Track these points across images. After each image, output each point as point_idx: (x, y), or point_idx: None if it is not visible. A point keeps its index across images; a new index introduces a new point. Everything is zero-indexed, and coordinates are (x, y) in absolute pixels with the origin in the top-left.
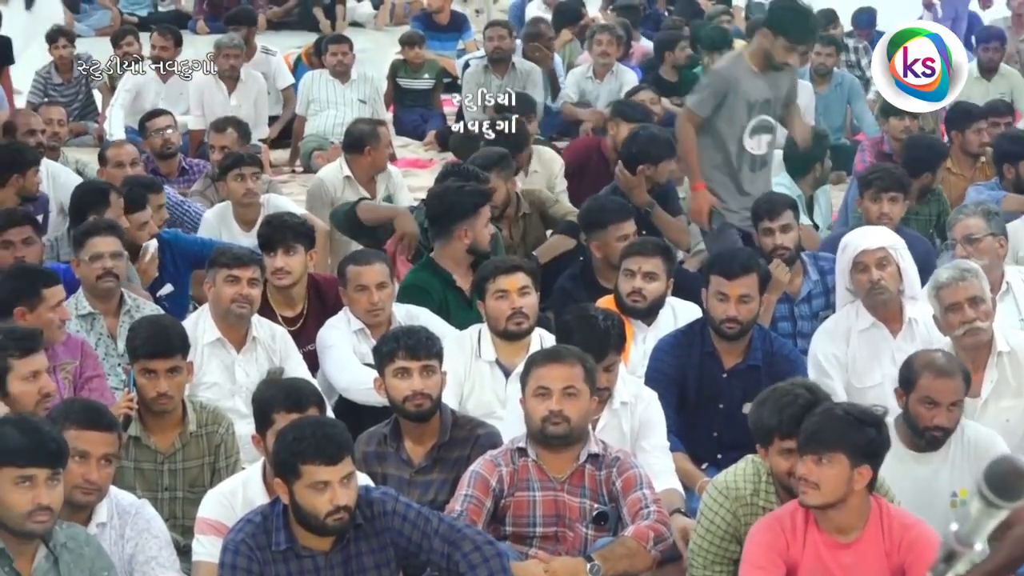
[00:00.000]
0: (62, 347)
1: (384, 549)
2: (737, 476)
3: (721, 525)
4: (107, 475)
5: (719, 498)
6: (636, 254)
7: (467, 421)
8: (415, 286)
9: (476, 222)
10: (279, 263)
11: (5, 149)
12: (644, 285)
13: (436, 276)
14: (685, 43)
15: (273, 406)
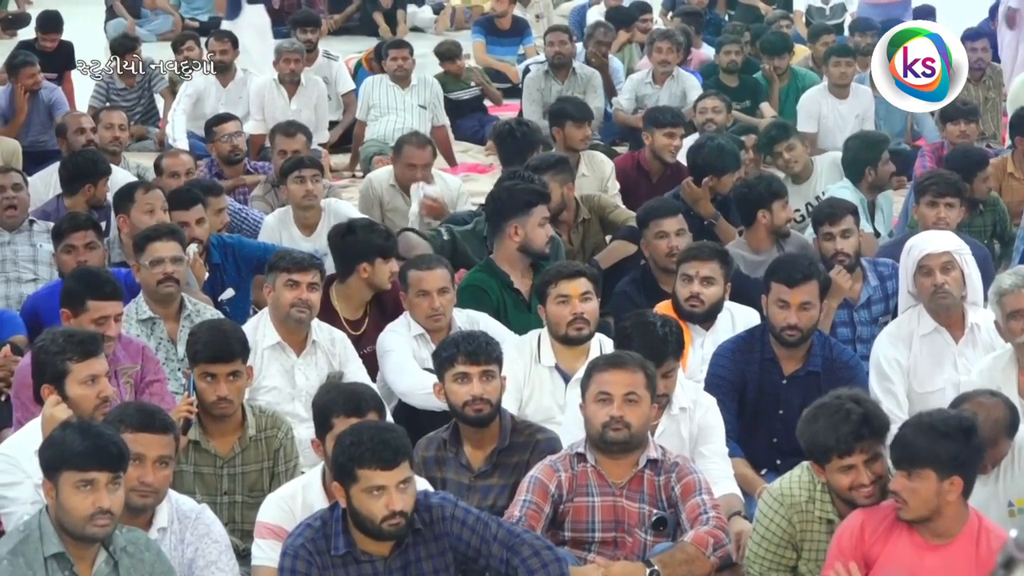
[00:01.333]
0: (122, 352)
1: (443, 554)
2: (792, 483)
3: (777, 532)
4: (163, 477)
5: (774, 505)
6: (693, 259)
7: (526, 426)
8: (474, 286)
9: (528, 221)
10: (395, 267)
11: (79, 158)
12: (702, 290)
13: (494, 277)
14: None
15: (333, 410)
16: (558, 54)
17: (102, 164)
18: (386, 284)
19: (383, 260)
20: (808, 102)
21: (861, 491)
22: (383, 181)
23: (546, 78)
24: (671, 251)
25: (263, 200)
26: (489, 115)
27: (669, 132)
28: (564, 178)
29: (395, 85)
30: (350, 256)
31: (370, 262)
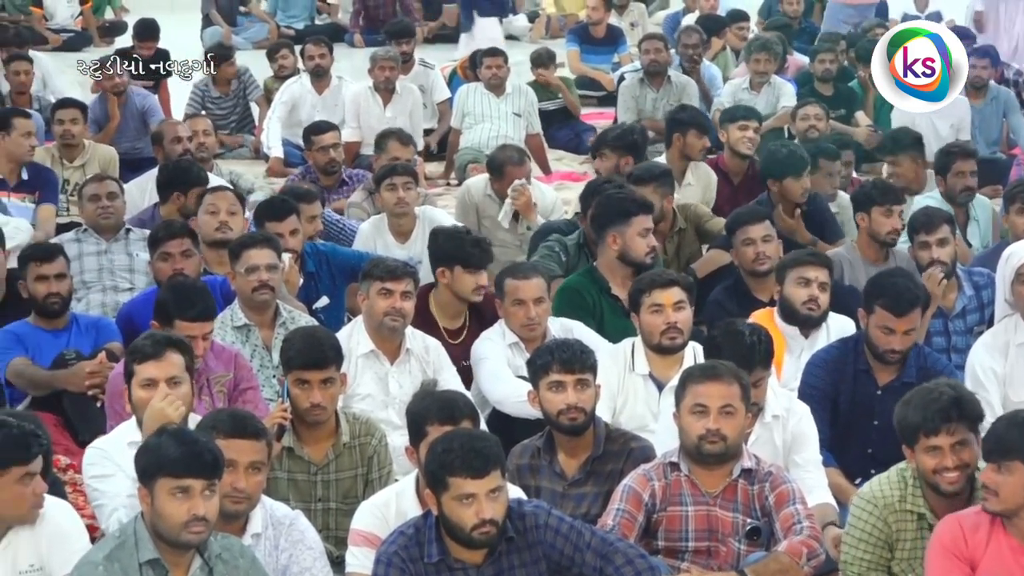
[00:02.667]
0: (214, 359)
1: (536, 562)
2: (883, 485)
3: (873, 533)
4: (256, 483)
5: (867, 507)
6: (809, 264)
7: (620, 434)
8: (572, 289)
9: (627, 230)
10: (483, 280)
11: (173, 166)
12: (820, 294)
13: (594, 282)
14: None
15: (427, 418)
16: (653, 62)
17: (195, 174)
18: (469, 295)
19: (463, 269)
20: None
21: (945, 476)
22: (480, 189)
23: (641, 86)
24: (758, 257)
25: (360, 207)
26: (584, 123)
27: (742, 124)
28: (665, 191)
29: (490, 93)
30: (431, 261)
31: (448, 268)
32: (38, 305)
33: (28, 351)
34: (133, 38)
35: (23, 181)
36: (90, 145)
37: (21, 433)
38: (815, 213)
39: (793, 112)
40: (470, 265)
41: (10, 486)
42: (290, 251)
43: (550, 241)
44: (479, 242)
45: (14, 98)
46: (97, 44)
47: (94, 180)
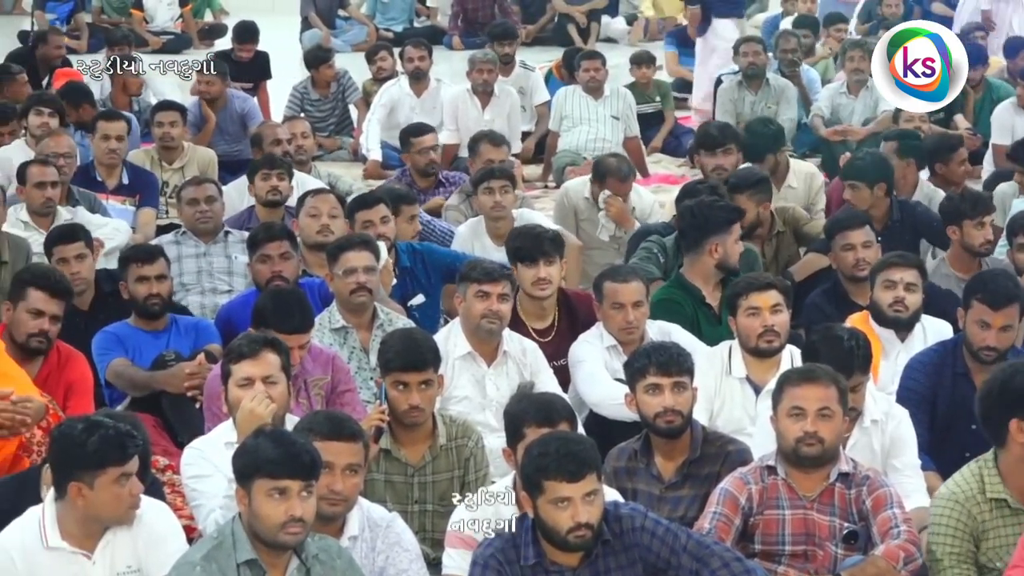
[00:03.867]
0: (312, 362)
1: (632, 565)
2: (960, 480)
3: (959, 527)
4: (353, 486)
5: (949, 503)
6: (894, 265)
7: (717, 437)
8: (668, 300)
9: (727, 239)
10: (541, 273)
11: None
12: (906, 295)
13: (687, 292)
14: None
15: (524, 420)
16: (751, 64)
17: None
18: (529, 288)
19: (519, 263)
20: (1002, 114)
21: None
22: (578, 192)
23: (739, 89)
24: (858, 263)
25: (457, 210)
26: (682, 126)
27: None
28: (762, 198)
29: (588, 96)
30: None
31: (513, 265)
32: (138, 306)
33: (128, 352)
34: (233, 40)
35: (123, 184)
36: (189, 147)
37: (116, 434)
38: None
39: (895, 115)
40: (523, 258)
41: (107, 487)
42: (382, 237)
43: (648, 243)
44: (531, 234)
45: (116, 98)
46: (197, 47)
47: (193, 183)
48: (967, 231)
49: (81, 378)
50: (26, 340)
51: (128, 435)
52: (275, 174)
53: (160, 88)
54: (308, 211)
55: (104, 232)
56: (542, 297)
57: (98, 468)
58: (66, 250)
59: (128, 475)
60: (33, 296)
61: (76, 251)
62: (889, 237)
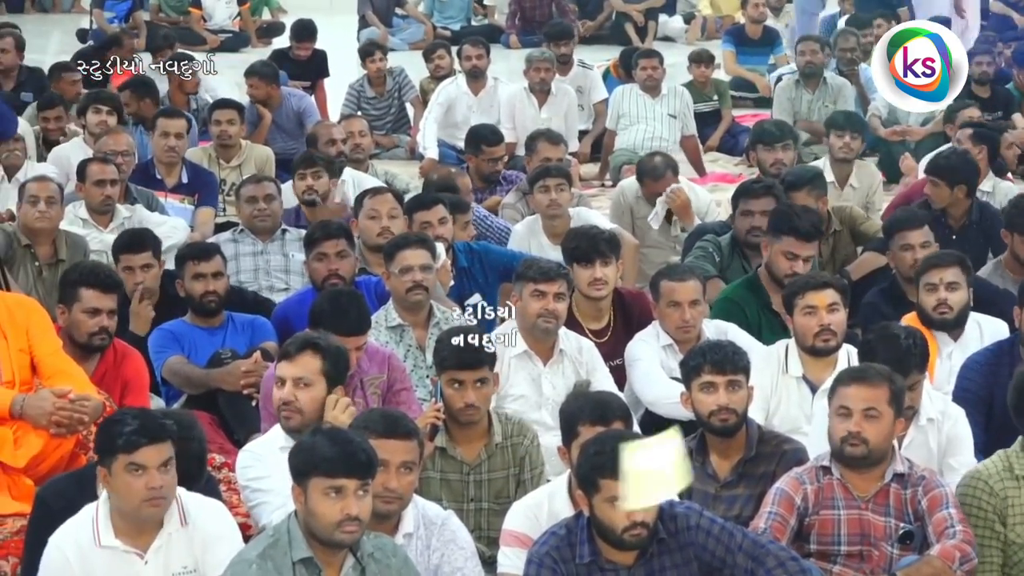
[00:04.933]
0: (368, 361)
1: (688, 564)
2: (988, 462)
3: (985, 508)
4: (408, 483)
5: (973, 483)
6: (933, 267)
7: (773, 436)
8: (731, 300)
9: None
10: (597, 274)
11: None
12: (948, 295)
13: (755, 295)
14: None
15: (579, 418)
16: (809, 63)
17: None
18: (584, 289)
19: (576, 263)
20: None
21: None
22: (633, 190)
23: (796, 87)
24: (916, 263)
25: (514, 208)
26: (739, 125)
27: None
28: (819, 193)
29: (645, 95)
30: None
31: (568, 265)
32: (195, 303)
33: (184, 349)
34: (291, 39)
35: (182, 183)
36: (246, 145)
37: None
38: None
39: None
40: (579, 259)
41: (120, 475)
42: (440, 239)
43: (704, 242)
44: (587, 235)
45: (172, 97)
46: (255, 45)
47: (252, 181)
48: (1015, 242)
49: (137, 375)
50: (88, 340)
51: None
52: (310, 173)
53: (216, 87)
54: (367, 213)
55: (162, 231)
56: (598, 298)
57: (109, 455)
58: (133, 259)
59: (140, 466)
60: (86, 295)
61: (143, 261)
62: (963, 238)
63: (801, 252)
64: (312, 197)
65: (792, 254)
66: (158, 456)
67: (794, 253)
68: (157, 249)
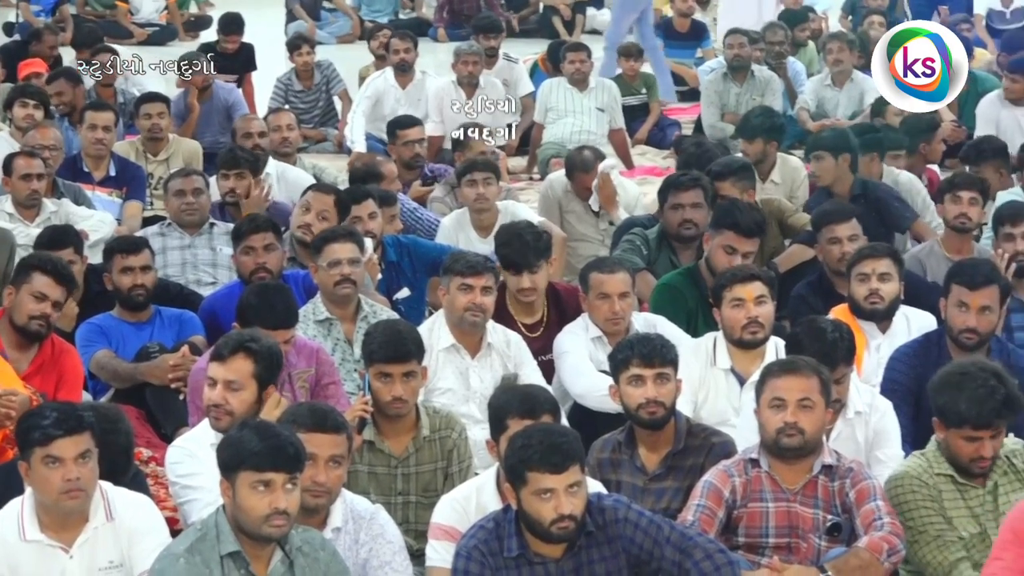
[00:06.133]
0: (296, 355)
1: (616, 557)
2: (911, 460)
3: (926, 492)
4: (336, 477)
5: (909, 478)
6: (867, 258)
7: (701, 429)
8: (672, 287)
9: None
10: (525, 283)
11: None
12: (880, 286)
13: (695, 285)
14: None
15: (508, 412)
16: (736, 56)
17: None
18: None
19: (508, 271)
20: (986, 107)
21: (980, 463)
22: (562, 184)
23: (724, 81)
24: (843, 256)
25: (442, 202)
26: (667, 118)
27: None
28: (745, 184)
29: (573, 88)
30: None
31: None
32: (122, 297)
33: (112, 343)
34: (218, 32)
35: (110, 177)
36: (174, 139)
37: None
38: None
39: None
40: (508, 267)
41: (37, 467)
42: (369, 233)
43: (632, 235)
44: (517, 243)
45: (98, 91)
46: (182, 39)
47: (180, 175)
48: (946, 206)
49: (73, 370)
50: (27, 322)
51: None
52: (233, 175)
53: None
54: (302, 203)
55: (89, 224)
56: (527, 302)
57: (28, 448)
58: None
59: (56, 459)
60: (38, 281)
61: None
62: None
63: (740, 247)
64: (233, 199)
65: (731, 248)
66: (75, 448)
67: (733, 247)
68: (80, 245)
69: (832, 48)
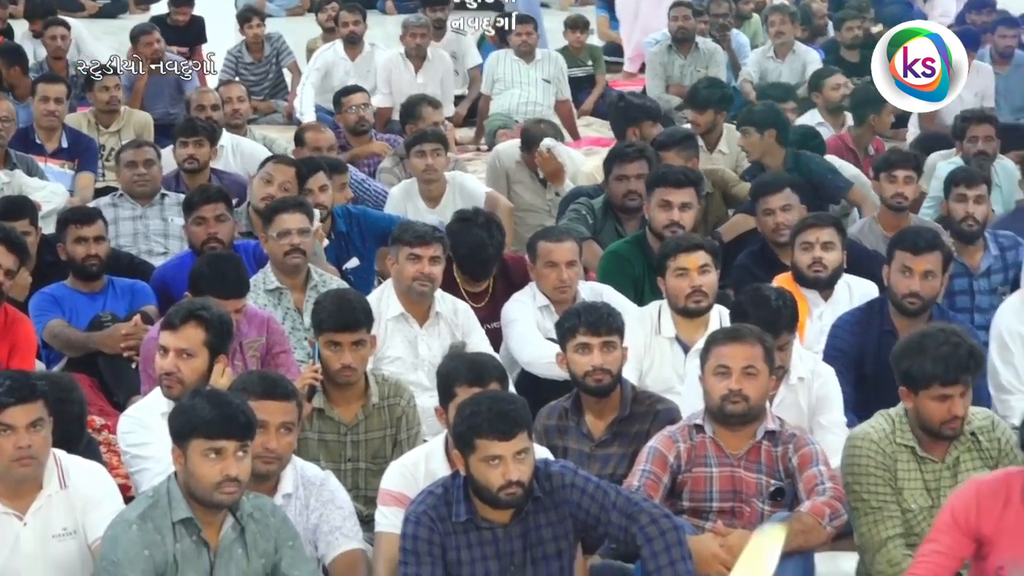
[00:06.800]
0: (247, 324)
1: (562, 521)
2: (876, 422)
3: (878, 462)
4: (287, 444)
5: (863, 443)
6: (810, 227)
7: (647, 396)
8: (619, 255)
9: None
10: (478, 289)
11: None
12: (824, 254)
13: (642, 253)
14: (853, 23)
15: (456, 380)
16: (681, 28)
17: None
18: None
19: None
20: None
21: (952, 424)
22: (510, 155)
23: (669, 53)
24: (777, 227)
25: (391, 172)
26: (612, 89)
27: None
28: (688, 154)
29: (520, 60)
30: None
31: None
32: (76, 267)
33: (65, 313)
34: (169, 4)
35: (62, 148)
36: (125, 111)
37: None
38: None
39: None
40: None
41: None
42: (320, 206)
43: (577, 204)
44: (474, 254)
45: (50, 63)
46: (133, 11)
47: (132, 146)
48: (881, 184)
49: (26, 339)
50: None
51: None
52: (192, 142)
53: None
54: (263, 175)
55: (41, 195)
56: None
57: None
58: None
59: (8, 426)
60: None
61: (20, 229)
62: None
63: (674, 199)
64: (193, 166)
65: (666, 202)
66: (26, 416)
67: (667, 200)
68: (34, 216)
69: (775, 20)
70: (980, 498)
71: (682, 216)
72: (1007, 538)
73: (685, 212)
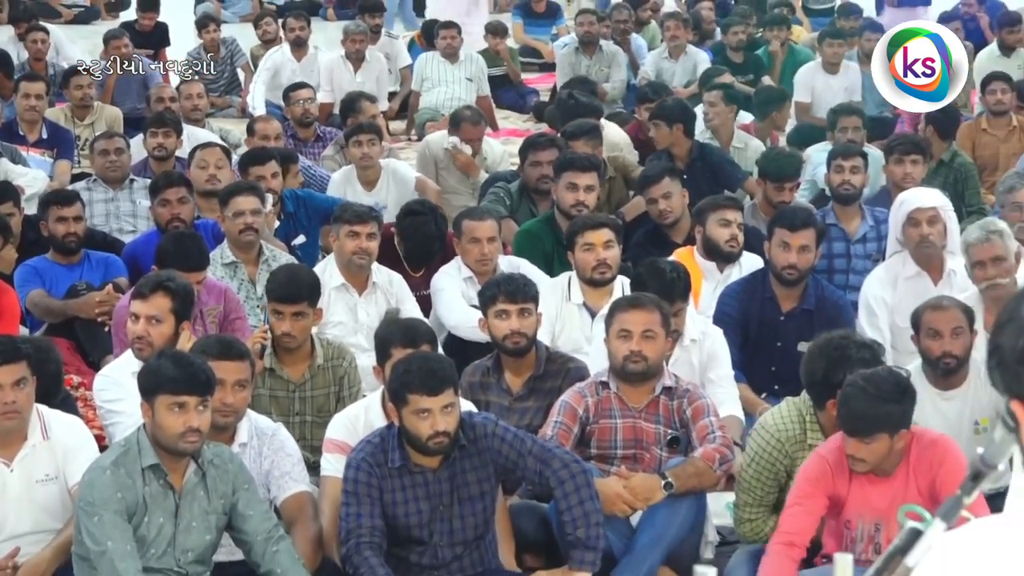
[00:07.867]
0: (207, 294)
1: (485, 466)
2: (784, 419)
3: (774, 464)
4: (242, 399)
5: (771, 439)
6: (727, 207)
7: (559, 356)
8: (531, 233)
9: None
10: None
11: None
12: (738, 233)
13: (551, 231)
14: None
15: (392, 342)
16: (587, 33)
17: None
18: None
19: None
20: (804, 75)
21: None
22: (438, 144)
23: (576, 54)
24: (661, 213)
25: (333, 160)
26: (527, 87)
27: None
28: (595, 143)
29: (445, 61)
30: None
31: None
32: (57, 243)
33: (45, 284)
34: (136, 11)
35: (42, 139)
36: (98, 106)
37: None
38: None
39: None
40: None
41: None
42: (271, 191)
43: (496, 187)
44: (419, 244)
45: (31, 64)
46: (104, 18)
47: (104, 137)
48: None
49: (10, 307)
50: None
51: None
52: (161, 132)
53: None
54: (197, 163)
55: (25, 180)
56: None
57: None
58: None
59: None
60: None
61: (5, 210)
62: (691, 175)
63: (580, 181)
64: (162, 153)
65: (572, 184)
66: (11, 375)
67: (574, 183)
68: (17, 199)
69: (669, 26)
70: (831, 467)
71: (586, 197)
72: (856, 498)
73: (589, 194)
